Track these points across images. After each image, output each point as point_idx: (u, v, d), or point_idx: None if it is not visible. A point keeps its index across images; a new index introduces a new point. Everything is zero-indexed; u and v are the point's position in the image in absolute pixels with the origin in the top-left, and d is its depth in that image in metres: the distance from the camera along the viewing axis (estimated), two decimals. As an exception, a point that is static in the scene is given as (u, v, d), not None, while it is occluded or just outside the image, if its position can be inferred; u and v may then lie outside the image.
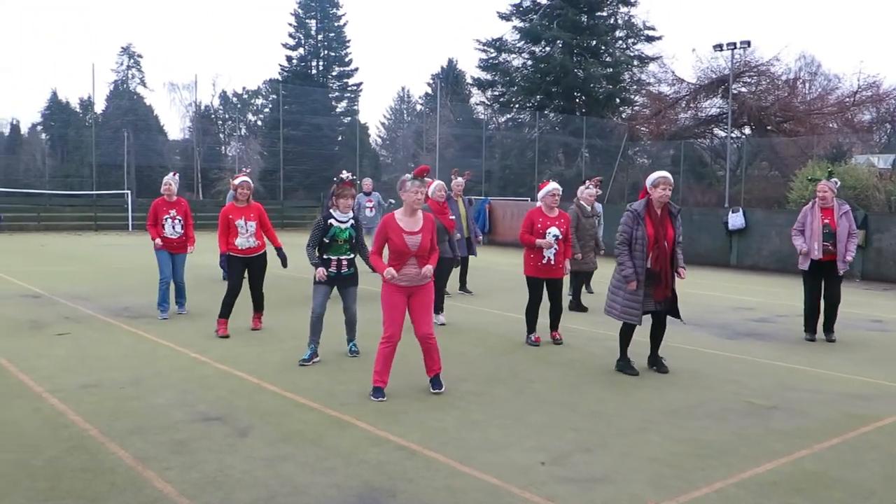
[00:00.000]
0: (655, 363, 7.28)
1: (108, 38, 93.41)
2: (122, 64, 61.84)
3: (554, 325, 8.55)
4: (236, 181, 8.78)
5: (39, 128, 62.55)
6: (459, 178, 11.52)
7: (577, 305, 11.01)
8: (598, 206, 12.31)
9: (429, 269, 6.10)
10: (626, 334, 7.19)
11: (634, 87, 47.68)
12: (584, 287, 11.52)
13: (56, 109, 61.12)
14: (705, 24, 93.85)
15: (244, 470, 4.45)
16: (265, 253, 8.81)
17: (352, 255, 7.41)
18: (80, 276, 14.05)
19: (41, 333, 8.48)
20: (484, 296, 12.34)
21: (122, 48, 62.34)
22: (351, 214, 7.36)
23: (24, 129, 62.44)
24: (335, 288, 7.44)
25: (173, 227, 9.67)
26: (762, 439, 5.24)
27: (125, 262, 17.08)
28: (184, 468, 4.46)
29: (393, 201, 17.77)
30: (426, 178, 6.20)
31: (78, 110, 61.13)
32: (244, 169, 10.98)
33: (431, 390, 6.22)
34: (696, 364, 7.57)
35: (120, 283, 13.07)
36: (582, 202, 10.97)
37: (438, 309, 9.36)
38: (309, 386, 6.38)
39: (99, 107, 49.25)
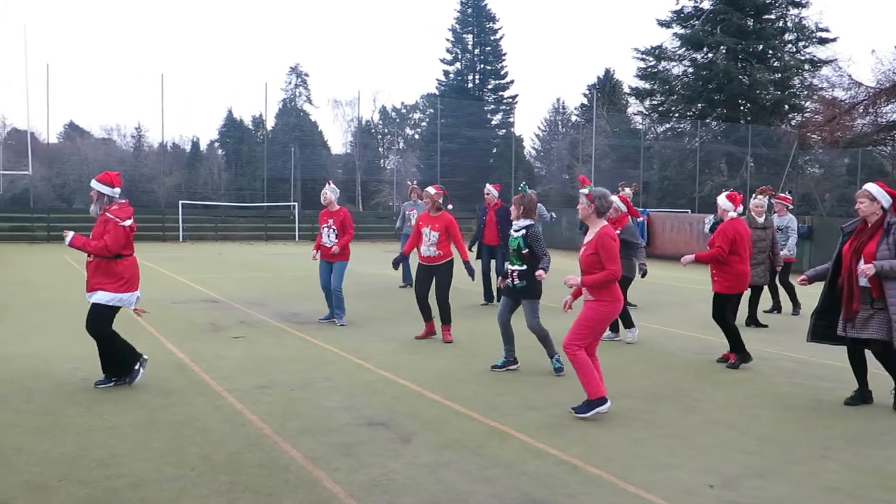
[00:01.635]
0: None
1: (278, 59, 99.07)
2: (290, 83, 65.46)
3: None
4: (431, 190, 9.11)
5: (216, 144, 67.14)
6: (627, 190, 11.25)
7: (753, 321, 10.65)
8: (775, 218, 11.65)
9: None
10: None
11: (805, 92, 45.07)
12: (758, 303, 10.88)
13: (231, 127, 65.42)
14: (886, 23, 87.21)
15: (408, 475, 4.54)
16: (448, 263, 8.95)
17: (524, 267, 7.14)
18: (253, 283, 14.93)
19: (219, 336, 9.07)
20: (643, 310, 11.98)
21: (291, 68, 66.02)
22: (523, 223, 7.19)
23: (202, 146, 67.32)
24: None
25: (328, 237, 9.94)
26: (961, 474, 4.77)
27: (293, 270, 17.97)
28: (351, 470, 4.62)
29: (554, 214, 17.53)
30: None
31: (251, 127, 65.17)
32: (410, 182, 11.42)
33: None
34: (878, 389, 6.99)
35: (289, 290, 13.76)
36: (752, 213, 10.50)
37: (629, 323, 9.20)
38: (468, 396, 6.44)
39: (269, 123, 52.36)
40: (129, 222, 6.42)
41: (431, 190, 9.18)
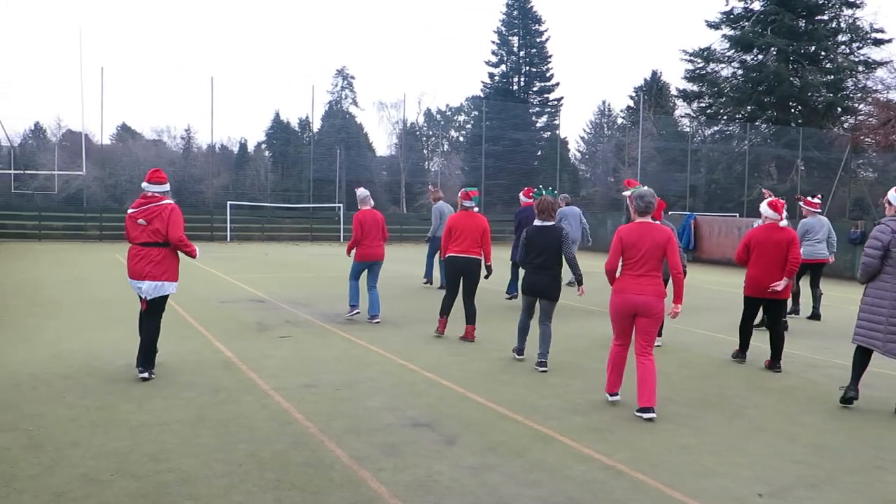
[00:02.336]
0: None
1: (325, 62, 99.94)
2: (336, 85, 66.16)
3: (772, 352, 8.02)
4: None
5: (263, 146, 68.04)
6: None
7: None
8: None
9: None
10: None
11: (859, 94, 44.04)
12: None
13: (278, 129, 66.25)
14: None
15: (452, 477, 4.55)
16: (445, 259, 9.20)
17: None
18: (298, 283, 15.10)
19: (266, 335, 9.19)
20: (688, 314, 11.84)
21: (337, 70, 66.74)
22: (537, 224, 7.56)
23: (250, 148, 68.25)
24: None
25: None
26: None
27: (338, 271, 18.12)
28: (395, 470, 4.64)
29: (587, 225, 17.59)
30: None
31: (297, 129, 65.93)
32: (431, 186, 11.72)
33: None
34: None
35: (334, 290, 13.87)
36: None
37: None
38: (512, 398, 6.43)
39: (315, 125, 52.97)
40: (130, 211, 6.90)
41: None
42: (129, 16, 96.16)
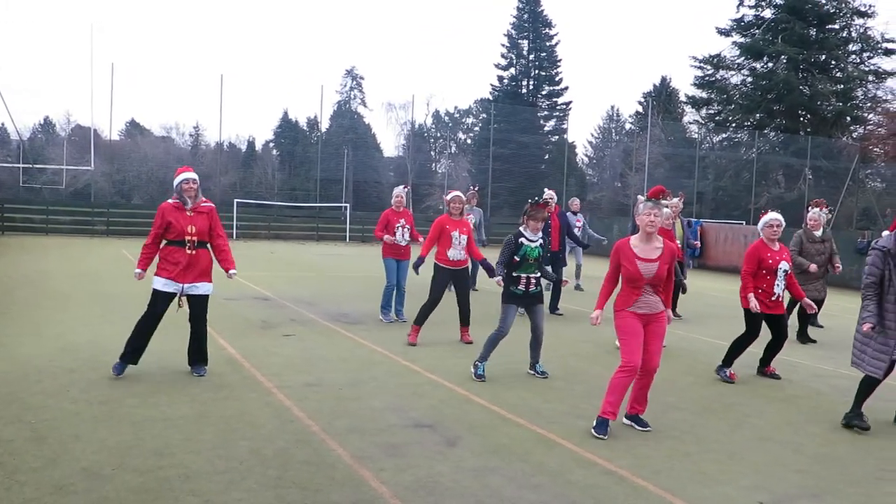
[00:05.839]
0: None
1: (334, 62, 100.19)
2: (345, 85, 66.13)
3: (769, 360, 8.00)
4: (448, 196, 9.15)
5: (271, 145, 68.10)
6: (675, 199, 11.11)
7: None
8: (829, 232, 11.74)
9: (669, 314, 5.77)
10: (868, 386, 6.18)
11: (868, 104, 43.95)
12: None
13: (286, 128, 66.28)
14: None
15: (454, 479, 4.55)
16: (468, 267, 9.17)
17: (538, 274, 7.35)
18: (304, 282, 15.11)
19: (270, 333, 9.20)
20: (693, 322, 11.85)
21: (346, 71, 66.73)
22: (540, 235, 7.34)
23: (258, 146, 68.33)
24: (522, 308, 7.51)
25: (403, 236, 10.27)
26: None
27: (344, 270, 18.15)
28: (397, 470, 4.64)
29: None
30: (663, 200, 6.00)
31: (305, 128, 65.96)
32: (472, 187, 11.67)
33: (637, 427, 5.80)
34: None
35: (339, 290, 13.89)
36: (809, 227, 10.29)
37: None
38: (515, 402, 6.42)
39: (324, 125, 53.00)
40: None
41: (462, 195, 9.38)
42: (140, 12, 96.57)
